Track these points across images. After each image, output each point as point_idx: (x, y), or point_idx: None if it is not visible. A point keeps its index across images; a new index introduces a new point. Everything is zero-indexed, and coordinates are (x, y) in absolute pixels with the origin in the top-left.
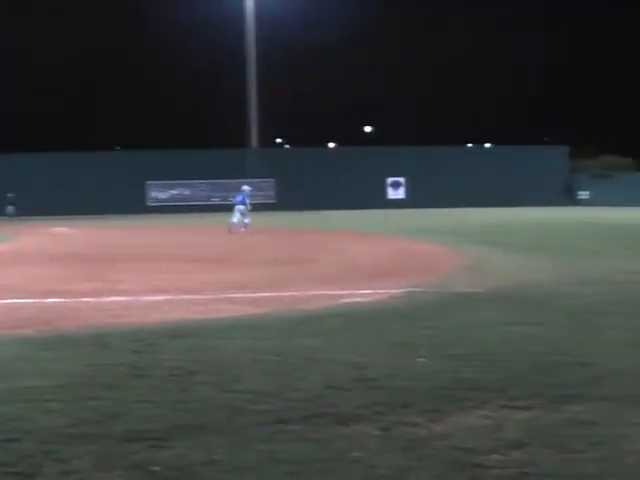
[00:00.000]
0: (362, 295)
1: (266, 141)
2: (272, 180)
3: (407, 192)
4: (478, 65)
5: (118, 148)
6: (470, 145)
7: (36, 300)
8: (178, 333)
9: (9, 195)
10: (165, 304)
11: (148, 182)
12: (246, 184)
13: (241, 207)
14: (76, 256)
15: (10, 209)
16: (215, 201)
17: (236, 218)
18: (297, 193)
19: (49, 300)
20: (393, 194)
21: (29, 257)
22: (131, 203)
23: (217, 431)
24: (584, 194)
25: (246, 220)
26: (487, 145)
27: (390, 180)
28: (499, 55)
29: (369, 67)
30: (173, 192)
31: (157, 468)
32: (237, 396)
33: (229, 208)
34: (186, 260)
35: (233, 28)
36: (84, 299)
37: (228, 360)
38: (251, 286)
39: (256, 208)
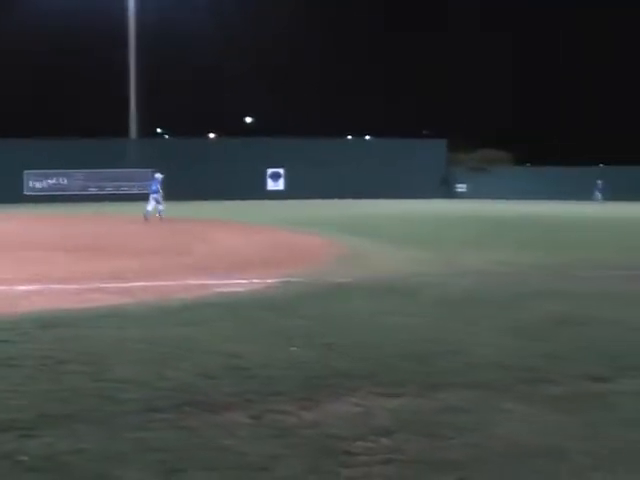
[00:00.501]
0: (237, 285)
1: (147, 131)
2: (152, 171)
3: (287, 183)
4: (362, 56)
5: None
6: (350, 137)
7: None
8: (50, 323)
9: None
10: (38, 294)
11: (26, 171)
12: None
13: (155, 195)
14: None
15: None
16: (92, 191)
17: (150, 206)
18: (177, 183)
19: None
20: (273, 185)
21: None
22: (8, 192)
23: (86, 420)
24: (461, 187)
25: (160, 207)
26: (367, 137)
27: (270, 171)
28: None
29: (249, 57)
30: (50, 181)
31: (25, 458)
32: (107, 385)
33: (106, 198)
34: (61, 249)
35: (115, 14)
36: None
37: (99, 349)
38: (126, 276)
39: (137, 198)
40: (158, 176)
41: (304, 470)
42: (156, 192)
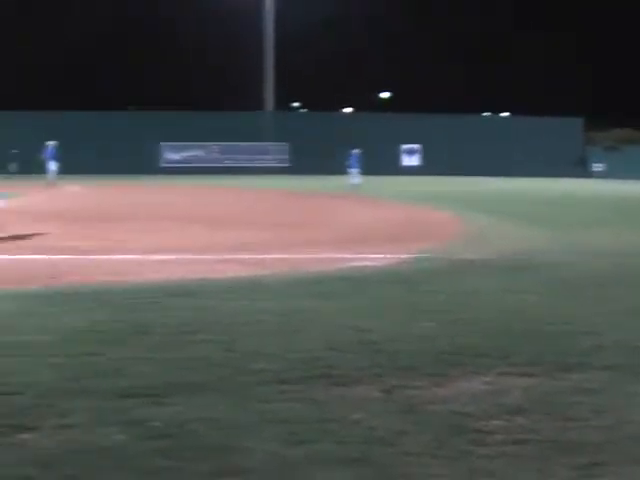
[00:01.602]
0: (368, 259)
1: (282, 105)
2: (286, 144)
3: (422, 159)
4: (496, 34)
5: (132, 108)
6: (487, 114)
7: (42, 256)
8: (181, 292)
9: (12, 152)
10: (170, 263)
11: (162, 143)
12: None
13: (353, 170)
14: (85, 215)
15: (12, 166)
16: (228, 163)
17: (357, 179)
18: (311, 157)
19: (55, 257)
20: (407, 161)
21: (37, 215)
22: (145, 164)
23: (216, 389)
24: (598, 167)
25: (355, 181)
26: (504, 114)
27: (405, 147)
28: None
29: (387, 33)
30: (186, 154)
31: (157, 424)
32: (237, 355)
33: (241, 171)
34: (194, 220)
35: None
36: (90, 256)
37: (229, 319)
38: (257, 247)
39: (271, 171)
40: (354, 152)
41: (434, 447)
42: (354, 167)
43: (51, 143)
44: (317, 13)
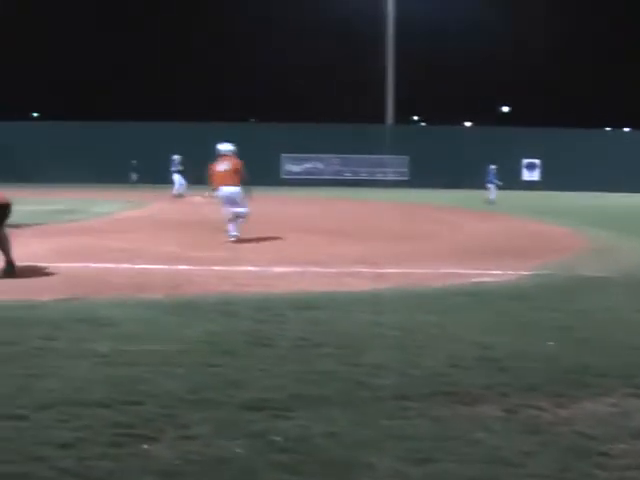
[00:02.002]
0: (489, 275)
1: (402, 118)
2: (406, 157)
3: (542, 174)
4: (619, 48)
5: (253, 120)
6: (609, 129)
7: (165, 266)
8: (304, 305)
9: (132, 162)
10: (292, 275)
11: (283, 155)
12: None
13: (491, 185)
14: (206, 225)
15: (133, 176)
16: (347, 176)
17: (493, 195)
18: (430, 171)
19: (178, 267)
20: (528, 175)
21: (160, 224)
22: (266, 175)
23: (339, 404)
24: None
25: (491, 197)
26: (626, 129)
27: (525, 161)
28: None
29: (507, 47)
30: (307, 165)
31: (279, 438)
32: (360, 370)
33: (360, 183)
34: (315, 232)
35: (372, 3)
36: (212, 267)
37: (352, 333)
38: (379, 261)
39: (390, 184)
40: (492, 167)
41: (558, 469)
42: (491, 182)
43: (176, 157)
44: (437, 26)
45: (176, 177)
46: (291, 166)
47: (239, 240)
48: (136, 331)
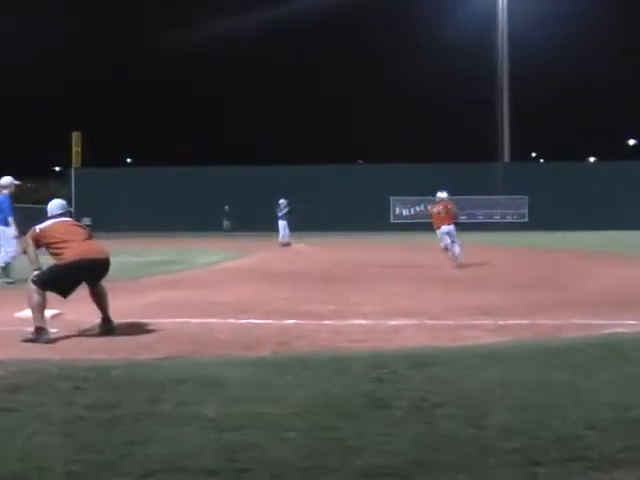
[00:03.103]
0: (625, 325)
1: (518, 155)
2: (524, 197)
3: None
4: None
5: (360, 162)
6: None
7: (273, 320)
8: (421, 361)
9: (225, 208)
10: (407, 329)
11: (392, 198)
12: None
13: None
14: (313, 275)
15: (226, 223)
16: (462, 219)
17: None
18: (552, 211)
19: (286, 321)
20: None
21: (265, 274)
22: (375, 219)
23: (463, 471)
24: None
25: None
26: None
27: None
28: None
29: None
30: (418, 208)
31: None
32: (484, 432)
33: (476, 226)
34: (428, 280)
35: (484, 37)
36: (323, 321)
37: (475, 392)
38: (497, 311)
39: (508, 227)
40: None
41: None
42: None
43: (283, 201)
44: (553, 61)
45: (281, 224)
46: (401, 209)
47: (348, 291)
48: (244, 392)
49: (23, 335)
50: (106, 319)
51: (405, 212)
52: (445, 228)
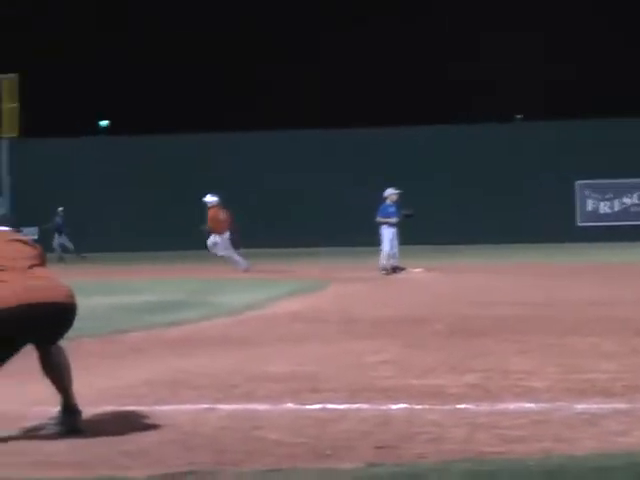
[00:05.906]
0: None
1: None
2: None
3: None
4: None
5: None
6: None
7: (364, 405)
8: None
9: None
10: (609, 416)
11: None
12: None
13: None
14: (435, 320)
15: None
16: None
17: None
18: None
19: (389, 406)
20: None
21: (346, 324)
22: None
23: None
24: None
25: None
26: None
27: None
28: None
29: None
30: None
31: None
32: None
33: None
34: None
35: None
36: (455, 405)
37: None
38: None
39: None
40: None
41: None
42: None
43: (392, 192)
44: None
45: (387, 233)
46: (596, 203)
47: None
48: None
49: None
50: (68, 408)
51: (602, 208)
52: None
